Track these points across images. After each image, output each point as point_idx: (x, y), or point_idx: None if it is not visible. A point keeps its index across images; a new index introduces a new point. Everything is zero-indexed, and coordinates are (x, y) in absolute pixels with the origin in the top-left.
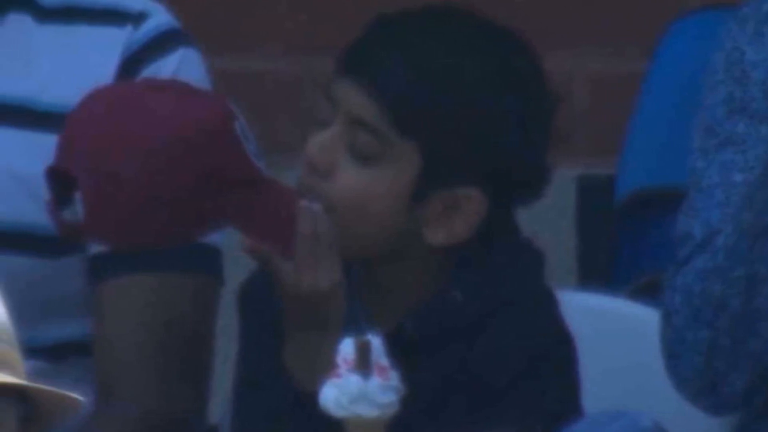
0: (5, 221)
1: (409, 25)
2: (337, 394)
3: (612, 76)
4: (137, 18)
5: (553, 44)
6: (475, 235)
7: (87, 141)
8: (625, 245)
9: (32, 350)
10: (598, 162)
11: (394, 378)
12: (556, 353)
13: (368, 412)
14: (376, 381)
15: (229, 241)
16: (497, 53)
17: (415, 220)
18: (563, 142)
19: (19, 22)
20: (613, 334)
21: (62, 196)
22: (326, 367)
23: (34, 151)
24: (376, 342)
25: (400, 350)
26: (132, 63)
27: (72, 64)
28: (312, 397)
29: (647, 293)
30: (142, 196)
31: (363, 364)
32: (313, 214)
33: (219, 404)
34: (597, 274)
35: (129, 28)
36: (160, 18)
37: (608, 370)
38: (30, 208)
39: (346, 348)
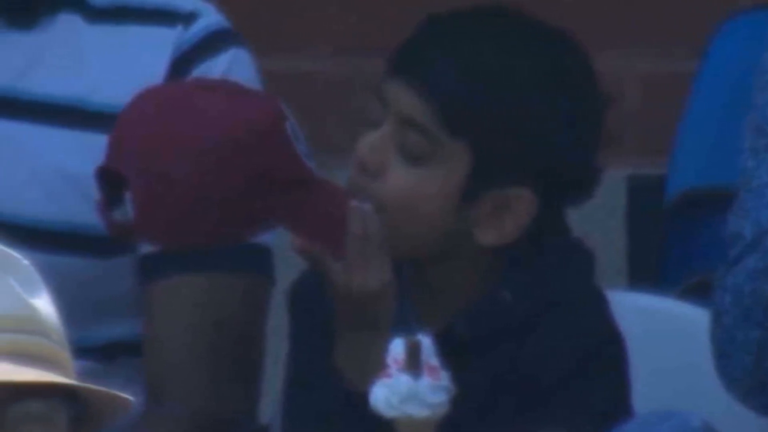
0: (56, 221)
1: (460, 26)
2: (387, 394)
3: (662, 76)
4: (188, 18)
5: (603, 44)
6: (524, 236)
7: (137, 141)
8: (675, 245)
9: (83, 350)
10: (648, 162)
11: (444, 378)
12: (606, 353)
13: (418, 412)
14: (426, 381)
15: (279, 241)
16: (548, 53)
17: (465, 220)
18: (613, 142)
19: (70, 23)
20: (662, 335)
21: (112, 196)
22: (376, 367)
23: (85, 152)
24: (426, 342)
25: (450, 350)
26: (182, 63)
27: (122, 64)
28: (362, 397)
29: (697, 293)
30: (192, 196)
31: (413, 364)
32: (364, 214)
33: (269, 404)
34: (647, 274)
35: (179, 28)
36: (211, 18)
37: (658, 370)
38: (81, 208)
39: (397, 348)
